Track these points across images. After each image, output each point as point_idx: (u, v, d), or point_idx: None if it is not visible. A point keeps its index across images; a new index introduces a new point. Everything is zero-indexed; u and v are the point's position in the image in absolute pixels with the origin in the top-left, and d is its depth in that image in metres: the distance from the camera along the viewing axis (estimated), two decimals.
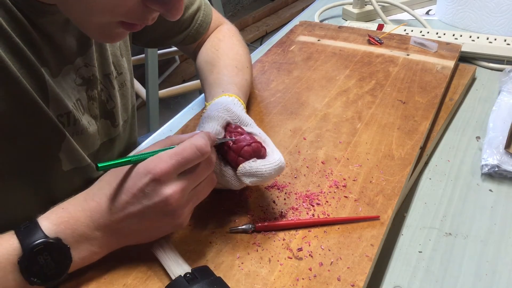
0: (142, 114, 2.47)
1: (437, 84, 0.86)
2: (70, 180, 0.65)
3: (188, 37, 0.86)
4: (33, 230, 0.49)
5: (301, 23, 1.12)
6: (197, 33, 0.86)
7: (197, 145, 0.51)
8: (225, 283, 0.51)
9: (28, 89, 0.55)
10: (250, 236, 0.59)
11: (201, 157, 0.52)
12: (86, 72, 0.66)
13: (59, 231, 0.50)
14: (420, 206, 0.67)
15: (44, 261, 0.49)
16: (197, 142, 0.52)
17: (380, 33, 1.05)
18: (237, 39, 0.89)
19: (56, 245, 0.49)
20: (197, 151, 0.51)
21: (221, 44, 0.85)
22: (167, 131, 0.83)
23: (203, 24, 0.86)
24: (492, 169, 0.70)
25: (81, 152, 0.65)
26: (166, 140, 0.56)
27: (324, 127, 0.77)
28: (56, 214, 0.51)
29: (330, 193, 0.65)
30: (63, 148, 0.62)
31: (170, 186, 0.50)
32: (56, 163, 0.63)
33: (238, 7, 3.36)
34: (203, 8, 0.86)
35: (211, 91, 0.75)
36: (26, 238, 0.49)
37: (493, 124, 0.78)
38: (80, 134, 0.65)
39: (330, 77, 0.90)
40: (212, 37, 0.88)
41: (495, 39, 1.02)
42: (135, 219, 0.51)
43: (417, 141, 0.73)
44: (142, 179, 0.50)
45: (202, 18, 0.86)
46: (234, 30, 0.92)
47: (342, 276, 0.53)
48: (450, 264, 0.59)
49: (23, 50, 0.54)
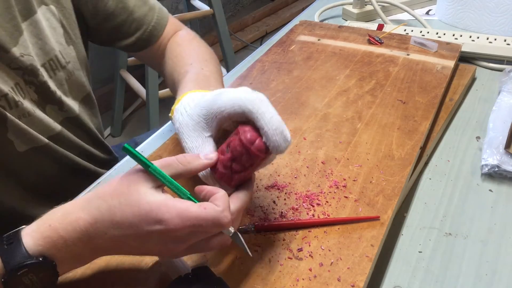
0: (142, 114, 2.47)
1: (437, 84, 0.86)
2: (31, 161, 0.67)
3: (141, 40, 0.83)
4: (16, 249, 0.46)
5: (301, 22, 1.12)
6: (151, 36, 0.83)
7: (222, 222, 0.46)
8: (225, 284, 0.51)
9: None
10: (250, 236, 0.59)
11: (219, 229, 0.47)
12: (22, 62, 0.66)
13: (44, 250, 0.47)
14: (420, 206, 0.67)
15: (29, 281, 0.46)
16: (224, 219, 0.46)
17: (380, 33, 1.05)
18: (197, 41, 0.85)
19: (41, 264, 0.46)
20: (219, 226, 0.46)
21: (179, 49, 0.81)
22: (167, 131, 0.83)
23: (157, 26, 0.83)
24: (492, 169, 0.70)
25: (34, 133, 0.67)
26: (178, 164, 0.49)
27: (324, 127, 0.77)
28: (42, 233, 0.47)
29: (330, 193, 0.65)
30: (10, 130, 0.64)
31: (176, 242, 0.47)
32: (8, 145, 0.64)
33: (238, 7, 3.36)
34: (157, 11, 0.84)
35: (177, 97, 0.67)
36: (10, 260, 0.45)
37: (493, 124, 0.78)
38: (28, 116, 0.67)
39: (330, 77, 0.90)
40: (171, 43, 0.84)
41: (495, 39, 1.02)
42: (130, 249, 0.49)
43: (417, 141, 0.73)
44: (151, 225, 0.46)
45: (156, 21, 0.83)
46: (193, 34, 0.88)
47: (342, 277, 0.53)
48: (450, 264, 0.59)
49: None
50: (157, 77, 1.97)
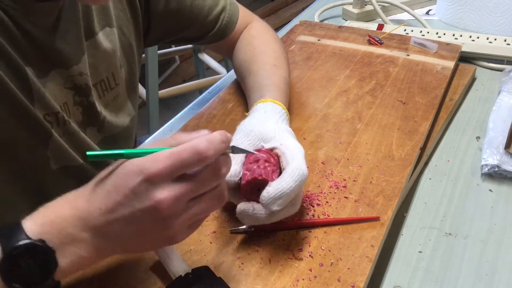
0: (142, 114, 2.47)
1: (437, 84, 0.86)
2: (61, 179, 0.65)
3: (210, 38, 0.87)
4: (15, 232, 0.45)
5: (301, 23, 1.12)
6: (223, 33, 0.87)
7: (198, 147, 0.45)
8: (225, 284, 0.51)
9: (10, 86, 0.55)
10: (250, 236, 0.59)
11: (201, 161, 0.46)
12: (79, 81, 0.66)
13: (43, 232, 0.46)
14: (420, 206, 0.67)
15: (26, 264, 0.45)
16: (198, 145, 0.45)
17: (380, 33, 1.05)
18: (271, 35, 0.89)
19: (39, 247, 0.45)
20: (197, 154, 0.45)
21: (256, 42, 0.85)
22: (167, 131, 0.83)
23: (229, 24, 0.86)
24: (492, 169, 0.70)
25: (71, 152, 0.65)
26: (171, 140, 0.50)
27: (324, 127, 0.77)
28: (42, 213, 0.48)
29: (330, 194, 0.65)
30: (50, 146, 0.62)
31: (163, 190, 0.45)
32: (44, 161, 0.62)
33: None
34: (228, 7, 0.86)
35: (250, 96, 0.77)
36: (7, 240, 0.45)
37: (493, 124, 0.78)
38: (72, 135, 0.66)
39: (330, 77, 0.90)
40: (246, 35, 0.88)
41: (495, 39, 1.02)
42: (124, 222, 0.47)
43: (417, 142, 0.73)
44: (135, 178, 0.45)
45: (228, 18, 0.86)
46: (265, 25, 0.91)
47: (342, 277, 0.53)
48: (450, 264, 0.59)
49: (5, 47, 0.54)
50: (157, 77, 1.96)
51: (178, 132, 0.53)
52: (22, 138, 0.59)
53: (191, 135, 0.49)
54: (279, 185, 0.54)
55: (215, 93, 0.93)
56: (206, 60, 2.25)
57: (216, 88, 0.97)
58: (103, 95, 0.72)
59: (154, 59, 1.89)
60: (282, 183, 0.54)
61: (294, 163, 0.56)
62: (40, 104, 0.60)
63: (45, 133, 0.61)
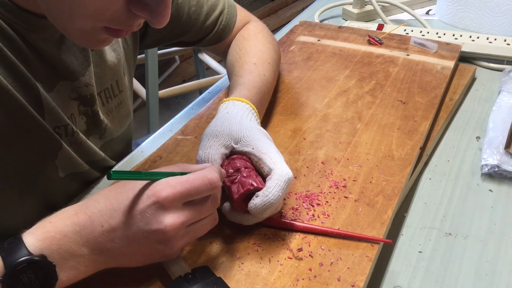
0: (142, 114, 2.47)
1: (437, 84, 0.86)
2: (67, 185, 0.66)
3: (208, 41, 0.86)
4: (17, 247, 0.46)
5: (301, 23, 1.12)
6: (220, 37, 0.86)
7: (209, 177, 0.50)
8: (225, 283, 0.51)
9: (22, 102, 0.55)
10: (250, 236, 0.59)
11: (211, 190, 0.50)
12: (85, 92, 0.66)
13: (44, 248, 0.47)
14: (420, 206, 0.67)
15: (28, 279, 0.46)
16: (210, 175, 0.50)
17: (380, 33, 1.05)
18: (263, 35, 0.87)
19: (40, 263, 0.46)
20: (208, 183, 0.50)
21: (245, 43, 0.84)
22: (167, 131, 0.83)
23: (226, 27, 0.86)
24: (492, 169, 0.70)
25: (78, 160, 0.66)
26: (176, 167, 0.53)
27: (324, 127, 0.77)
28: (43, 228, 0.48)
29: (330, 194, 0.65)
30: (59, 157, 0.63)
31: (172, 215, 0.48)
32: (52, 171, 0.63)
33: None
34: (226, 11, 0.85)
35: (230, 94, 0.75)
36: (9, 256, 0.46)
37: (493, 124, 0.78)
38: (79, 145, 0.66)
39: (330, 77, 0.90)
40: (238, 36, 0.87)
41: (495, 39, 1.02)
42: (125, 241, 0.49)
43: (417, 142, 0.73)
44: (145, 201, 0.48)
45: (225, 22, 0.85)
46: (261, 26, 0.90)
47: (342, 277, 0.53)
48: (450, 264, 0.59)
49: (15, 64, 0.55)
50: (157, 77, 1.96)
51: (180, 164, 0.55)
52: (33, 151, 0.60)
53: (195, 166, 0.54)
54: (266, 196, 0.54)
55: (215, 93, 0.93)
56: (206, 60, 2.25)
57: (216, 88, 0.97)
58: (106, 102, 0.72)
59: (154, 59, 1.89)
60: (269, 194, 0.55)
61: (277, 169, 0.56)
62: (51, 117, 0.60)
63: (55, 144, 0.61)
